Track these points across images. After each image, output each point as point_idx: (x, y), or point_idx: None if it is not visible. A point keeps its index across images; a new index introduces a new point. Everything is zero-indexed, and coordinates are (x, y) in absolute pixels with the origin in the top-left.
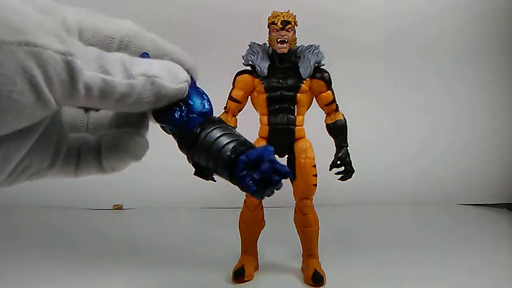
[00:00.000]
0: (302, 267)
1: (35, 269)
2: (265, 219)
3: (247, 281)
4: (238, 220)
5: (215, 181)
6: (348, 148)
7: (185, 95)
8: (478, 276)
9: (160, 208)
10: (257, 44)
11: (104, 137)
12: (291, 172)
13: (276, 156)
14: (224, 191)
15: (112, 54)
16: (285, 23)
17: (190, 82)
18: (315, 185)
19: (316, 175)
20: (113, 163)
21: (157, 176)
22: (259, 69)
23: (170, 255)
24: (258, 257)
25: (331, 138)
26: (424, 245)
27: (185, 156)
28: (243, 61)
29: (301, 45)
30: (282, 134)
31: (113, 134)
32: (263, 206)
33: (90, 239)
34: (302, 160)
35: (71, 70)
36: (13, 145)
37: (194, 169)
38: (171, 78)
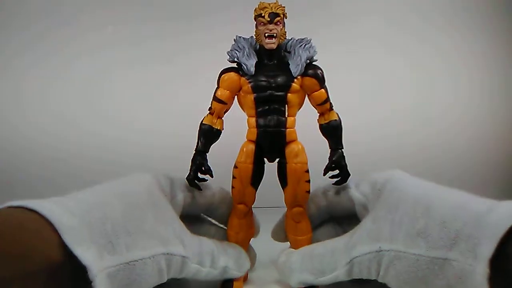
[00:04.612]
0: None
1: None
2: (255, 226)
3: None
4: (227, 228)
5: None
6: (343, 150)
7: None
8: None
9: None
10: (242, 38)
11: None
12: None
13: (266, 160)
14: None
15: (207, 246)
16: (274, 15)
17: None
18: (308, 191)
19: (309, 181)
20: None
21: None
22: (245, 67)
23: None
24: None
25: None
26: None
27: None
28: (228, 57)
29: (291, 38)
30: (272, 137)
31: None
32: (253, 211)
33: None
34: (294, 164)
35: (183, 265)
36: None
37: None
38: (239, 267)
